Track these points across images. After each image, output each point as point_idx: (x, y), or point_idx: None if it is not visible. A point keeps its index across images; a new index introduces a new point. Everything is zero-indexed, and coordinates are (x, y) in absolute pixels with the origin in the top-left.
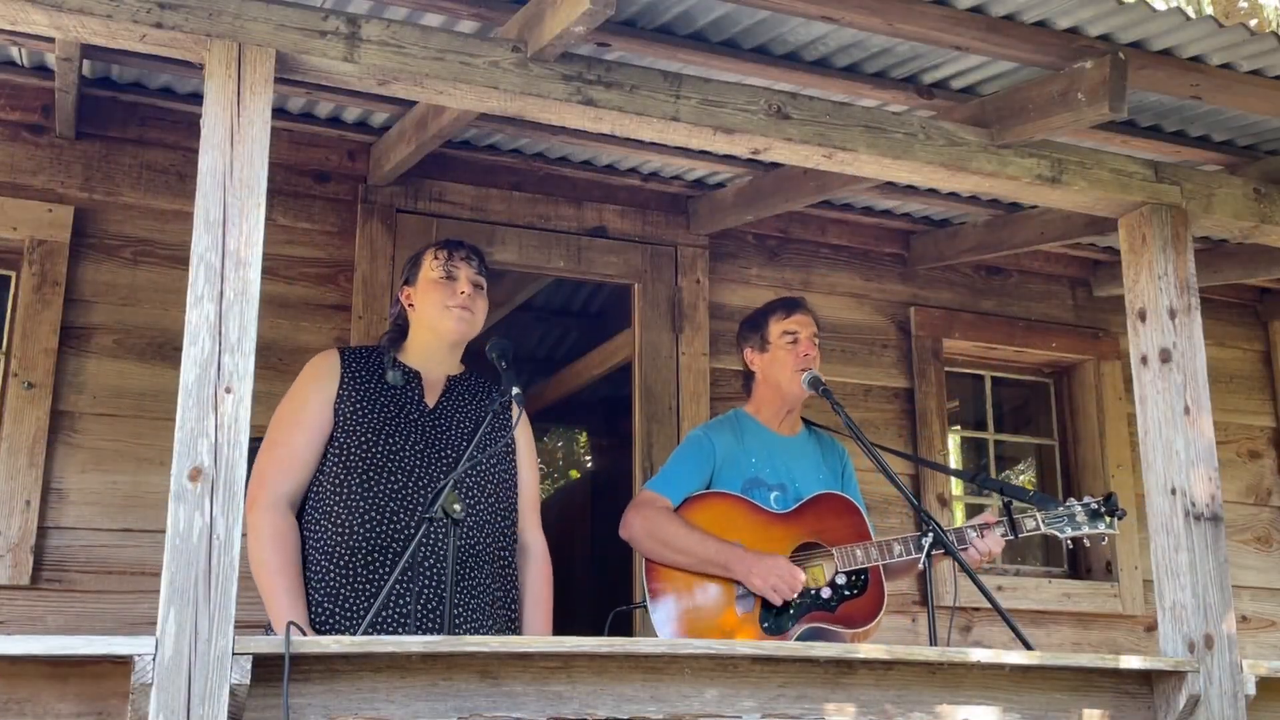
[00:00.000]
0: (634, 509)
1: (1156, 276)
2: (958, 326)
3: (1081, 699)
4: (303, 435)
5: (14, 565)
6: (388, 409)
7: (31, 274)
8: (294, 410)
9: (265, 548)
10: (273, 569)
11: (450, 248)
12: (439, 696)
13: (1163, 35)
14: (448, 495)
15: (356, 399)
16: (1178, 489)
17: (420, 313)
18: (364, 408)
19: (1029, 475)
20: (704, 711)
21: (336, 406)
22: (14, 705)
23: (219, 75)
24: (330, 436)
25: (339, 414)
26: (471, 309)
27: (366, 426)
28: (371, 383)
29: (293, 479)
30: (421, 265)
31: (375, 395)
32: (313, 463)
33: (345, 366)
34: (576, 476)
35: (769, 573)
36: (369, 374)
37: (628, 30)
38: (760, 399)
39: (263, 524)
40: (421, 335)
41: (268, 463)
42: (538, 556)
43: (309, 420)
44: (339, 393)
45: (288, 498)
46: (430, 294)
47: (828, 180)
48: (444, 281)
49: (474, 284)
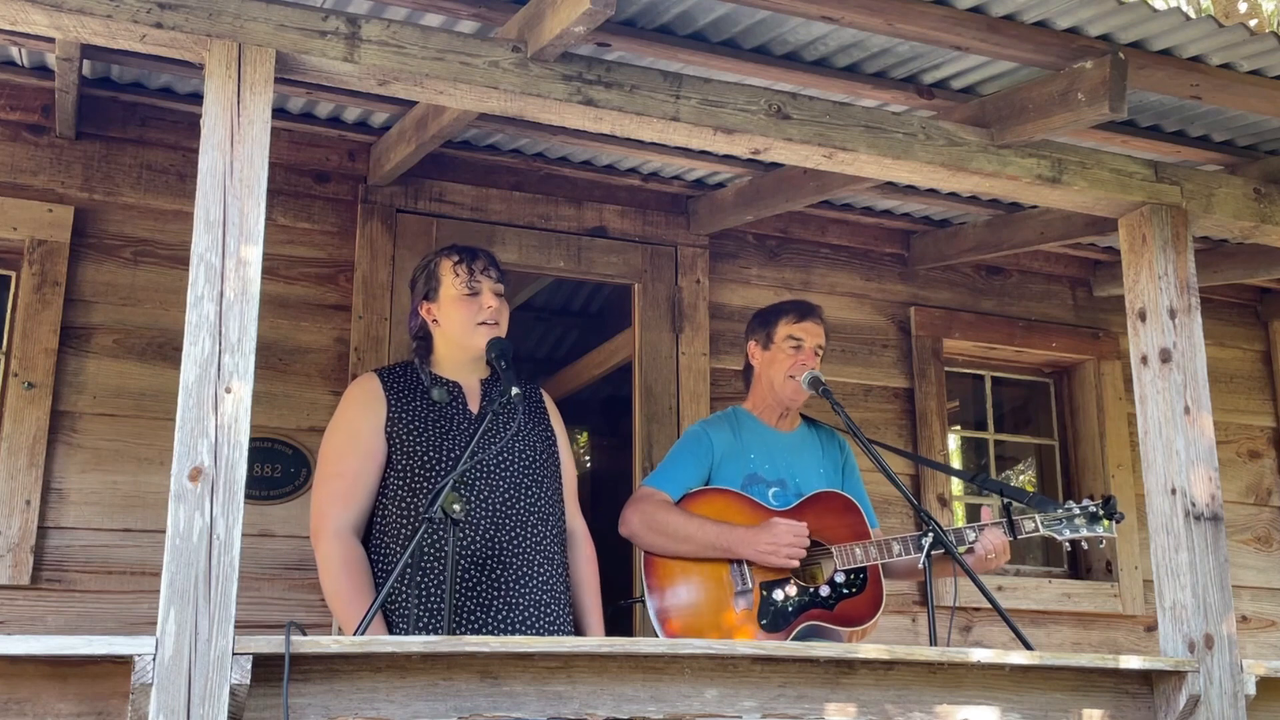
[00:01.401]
0: (632, 504)
1: (1156, 276)
2: (958, 326)
3: (1081, 699)
4: (358, 463)
5: (14, 565)
6: (439, 424)
7: (31, 274)
8: (347, 439)
9: (337, 577)
10: (347, 597)
11: (468, 260)
12: (439, 696)
13: (1163, 35)
14: (447, 495)
15: (407, 420)
16: (1178, 489)
17: (446, 329)
18: (416, 427)
19: (1029, 475)
20: (704, 711)
21: (388, 431)
22: (14, 705)
23: (219, 75)
24: (387, 461)
25: (391, 438)
26: (500, 321)
27: (424, 445)
28: (416, 401)
29: (354, 507)
30: (441, 281)
31: (424, 413)
32: (372, 489)
33: (388, 389)
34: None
35: (775, 543)
36: (411, 393)
37: (628, 30)
38: (758, 395)
39: (331, 553)
40: (450, 349)
41: (326, 494)
42: (583, 541)
43: (364, 448)
44: (388, 416)
45: (351, 525)
46: (456, 312)
47: (828, 180)
48: (469, 298)
49: (497, 295)
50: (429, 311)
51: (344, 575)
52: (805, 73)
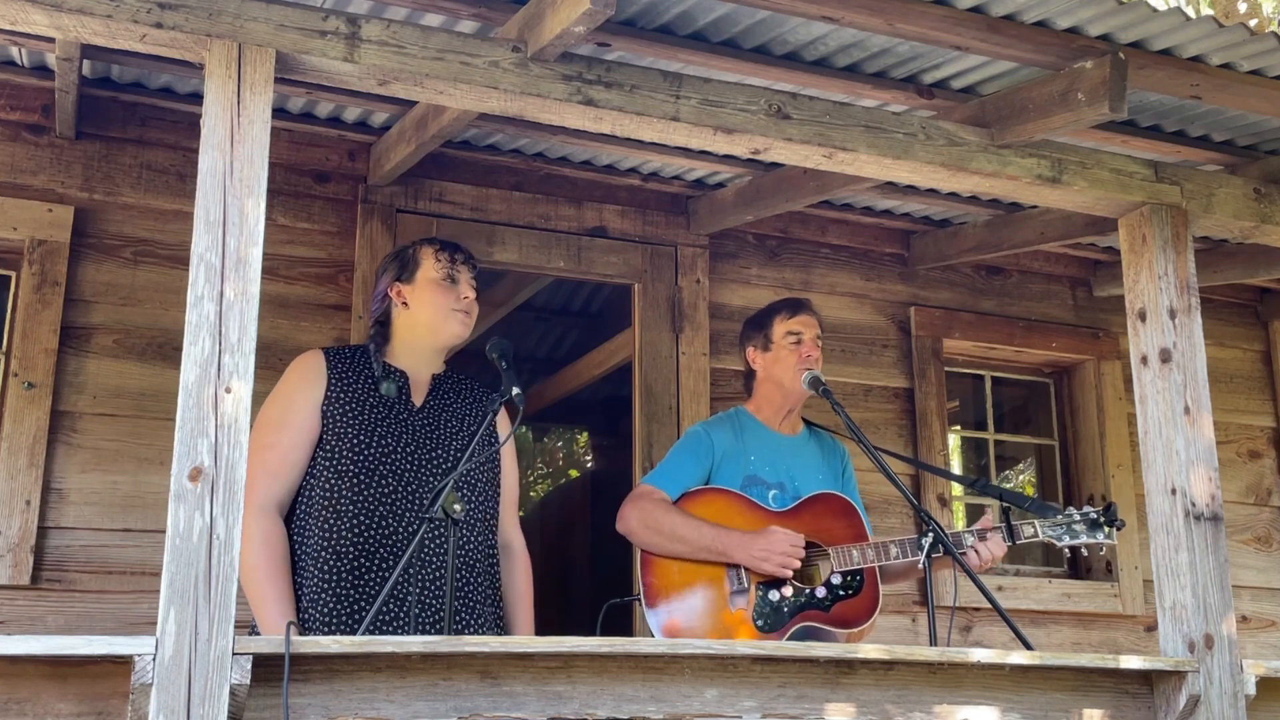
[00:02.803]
0: (630, 502)
1: (1156, 276)
2: (958, 326)
3: (1081, 699)
4: (290, 439)
5: (14, 565)
6: (376, 410)
7: (31, 274)
8: (281, 413)
9: (255, 553)
10: (262, 575)
11: (450, 250)
12: (439, 696)
13: (1163, 35)
14: (448, 495)
15: (345, 401)
16: (1178, 489)
17: (416, 312)
18: (353, 410)
19: (1029, 475)
20: (704, 711)
21: (324, 410)
22: (14, 705)
23: (219, 75)
24: (319, 440)
25: (326, 417)
26: (471, 314)
27: (357, 429)
28: (358, 384)
29: (281, 483)
30: (420, 263)
31: (363, 397)
32: (301, 466)
33: (331, 368)
34: (576, 476)
35: (770, 549)
36: (355, 375)
37: (628, 30)
38: (761, 398)
39: (252, 528)
40: (413, 334)
41: (255, 467)
42: (519, 554)
43: (296, 423)
44: (326, 395)
45: (276, 502)
46: (432, 295)
47: (828, 180)
48: (447, 284)
49: (473, 289)
50: (399, 293)
51: (261, 552)
52: (805, 73)
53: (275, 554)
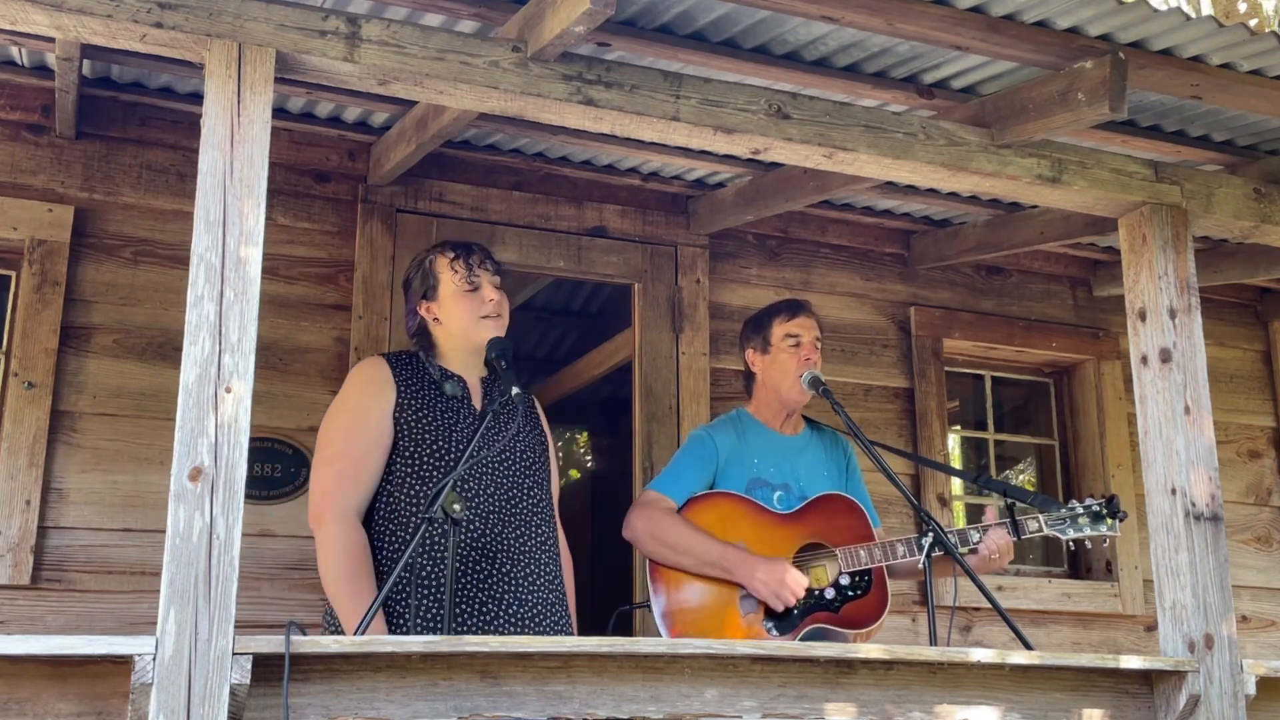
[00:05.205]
0: (637, 509)
1: (1156, 276)
2: (958, 326)
3: (1081, 699)
4: (365, 446)
5: (14, 565)
6: (448, 415)
7: (31, 274)
8: (354, 421)
9: (339, 563)
10: (348, 583)
11: (464, 255)
12: (439, 696)
13: (1163, 35)
14: (448, 495)
15: (416, 407)
16: (1178, 489)
17: (449, 326)
18: (426, 415)
19: (1029, 475)
20: (704, 711)
21: (396, 415)
22: (14, 705)
23: (219, 75)
24: (394, 446)
25: (400, 423)
26: (502, 314)
27: (435, 433)
28: (425, 390)
29: (360, 491)
30: (439, 278)
31: (433, 402)
32: (377, 474)
33: (396, 374)
34: (577, 476)
35: (771, 579)
36: (419, 381)
37: (628, 30)
38: (761, 400)
39: (334, 538)
40: (453, 344)
41: (331, 476)
42: (564, 548)
43: (370, 430)
44: (397, 401)
45: (356, 509)
46: (458, 308)
47: (828, 180)
48: (470, 294)
49: (496, 287)
50: (429, 311)
51: (346, 560)
52: (805, 72)
53: (359, 560)
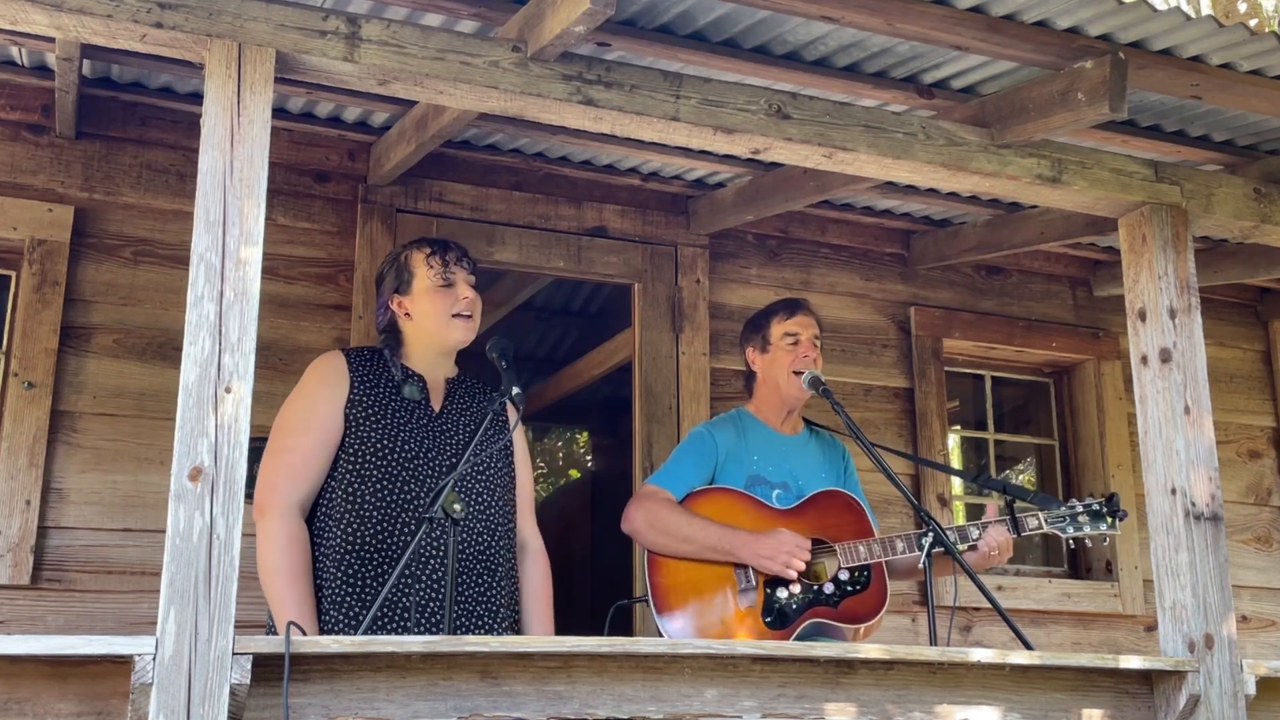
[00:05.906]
0: (636, 502)
1: (1156, 276)
2: (958, 326)
3: (1081, 699)
4: (313, 439)
5: (14, 565)
6: (399, 414)
7: (31, 274)
8: (303, 413)
9: (277, 555)
10: (285, 577)
11: (440, 251)
12: (439, 696)
13: (1163, 35)
14: (448, 495)
15: (368, 403)
16: (1178, 489)
17: (420, 322)
18: (376, 413)
19: (1029, 475)
20: (704, 711)
21: (347, 411)
22: (14, 705)
23: (219, 75)
24: (341, 442)
25: (349, 419)
26: (474, 313)
27: (381, 432)
28: (380, 386)
29: (304, 484)
30: (414, 273)
31: (385, 400)
32: (324, 468)
33: (353, 370)
34: (576, 476)
35: (778, 550)
36: (376, 377)
37: (628, 30)
38: (761, 399)
39: (275, 531)
40: (421, 342)
41: (277, 468)
42: (536, 553)
43: (319, 424)
44: (349, 397)
45: (299, 503)
46: (430, 303)
47: (828, 180)
48: (444, 290)
49: (471, 286)
50: (400, 305)
51: (286, 557)
52: (805, 72)
53: (297, 557)
